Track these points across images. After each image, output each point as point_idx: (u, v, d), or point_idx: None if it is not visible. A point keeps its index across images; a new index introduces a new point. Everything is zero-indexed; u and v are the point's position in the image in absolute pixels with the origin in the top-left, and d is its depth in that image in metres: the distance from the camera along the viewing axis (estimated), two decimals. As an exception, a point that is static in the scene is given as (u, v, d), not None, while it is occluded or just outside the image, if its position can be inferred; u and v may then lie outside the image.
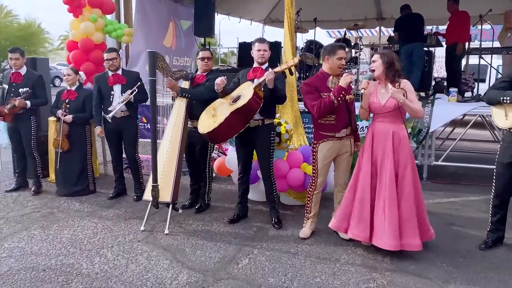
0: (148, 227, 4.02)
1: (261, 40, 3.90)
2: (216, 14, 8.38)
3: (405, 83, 3.39)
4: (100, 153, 6.24)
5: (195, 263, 3.30)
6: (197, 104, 4.13)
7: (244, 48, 8.41)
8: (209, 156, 4.40)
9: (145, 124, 6.49)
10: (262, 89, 3.67)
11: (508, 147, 3.39)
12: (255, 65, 3.92)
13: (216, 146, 5.64)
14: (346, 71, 7.55)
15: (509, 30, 6.74)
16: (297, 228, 3.92)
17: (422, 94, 6.79)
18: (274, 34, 7.98)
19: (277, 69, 3.61)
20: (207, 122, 3.70)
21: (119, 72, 4.69)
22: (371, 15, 9.85)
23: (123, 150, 4.95)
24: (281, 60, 8.60)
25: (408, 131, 5.54)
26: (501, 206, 3.50)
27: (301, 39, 8.55)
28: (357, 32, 8.72)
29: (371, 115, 3.56)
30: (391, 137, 3.37)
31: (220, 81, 3.69)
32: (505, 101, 3.23)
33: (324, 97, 3.45)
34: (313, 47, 7.12)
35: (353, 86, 3.39)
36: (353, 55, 7.27)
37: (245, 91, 3.65)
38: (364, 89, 3.37)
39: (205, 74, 4.22)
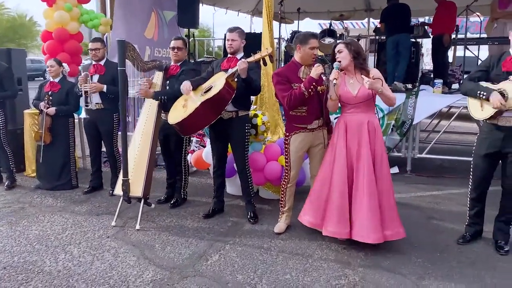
0: (120, 222, 3.90)
1: (230, 30, 3.77)
2: (201, 4, 8.21)
3: (375, 72, 3.28)
4: (81, 146, 6.11)
5: (163, 260, 3.19)
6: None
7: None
8: (185, 149, 4.28)
9: (127, 117, 6.36)
10: (236, 79, 3.55)
11: (484, 138, 3.28)
12: (229, 55, 3.79)
13: (197, 138, 5.54)
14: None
15: (495, 20, 6.62)
16: (273, 222, 3.81)
17: (409, 85, 6.68)
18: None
19: (250, 59, 3.47)
20: (177, 113, 3.57)
21: (102, 62, 4.55)
22: (359, 6, 9.70)
23: (102, 144, 4.83)
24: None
25: (391, 123, 5.51)
26: (478, 200, 3.41)
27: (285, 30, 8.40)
28: (342, 23, 8.57)
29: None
30: (366, 127, 3.26)
31: (185, 89, 3.59)
32: (481, 96, 3.12)
33: (295, 88, 3.33)
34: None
35: (324, 80, 3.25)
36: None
37: (217, 81, 3.52)
38: (336, 79, 3.24)
39: (178, 64, 4.08)
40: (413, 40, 7.45)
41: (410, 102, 5.41)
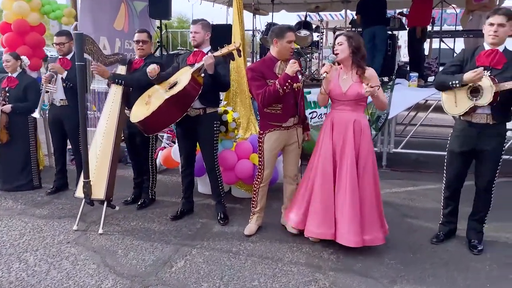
0: (82, 226, 3.70)
1: (193, 22, 3.57)
2: (174, -5, 7.93)
3: (372, 73, 3.12)
4: (47, 144, 5.82)
5: (124, 267, 3.01)
6: (135, 91, 3.76)
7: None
8: (152, 147, 4.09)
9: (95, 112, 6.09)
10: (202, 74, 3.36)
11: (458, 135, 3.19)
12: (194, 48, 3.60)
13: (168, 134, 5.33)
14: (308, 56, 7.32)
15: (470, 12, 6.56)
16: (244, 223, 3.66)
17: (385, 79, 6.59)
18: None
19: (217, 53, 3.29)
20: (139, 110, 3.37)
21: (69, 57, 4.28)
22: (336, -2, 9.54)
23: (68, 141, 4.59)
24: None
25: (367, 118, 5.41)
26: (452, 198, 3.33)
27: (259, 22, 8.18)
28: (318, 15, 8.42)
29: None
30: (352, 125, 3.11)
31: (151, 70, 3.36)
32: (454, 85, 3.01)
33: (270, 84, 3.17)
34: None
35: (300, 77, 3.09)
36: (315, 38, 6.99)
37: (182, 77, 3.33)
38: (327, 72, 3.09)
39: (143, 58, 3.87)
40: (390, 32, 7.35)
41: (385, 95, 5.30)
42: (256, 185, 3.51)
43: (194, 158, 3.85)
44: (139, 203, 4.14)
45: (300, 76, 3.08)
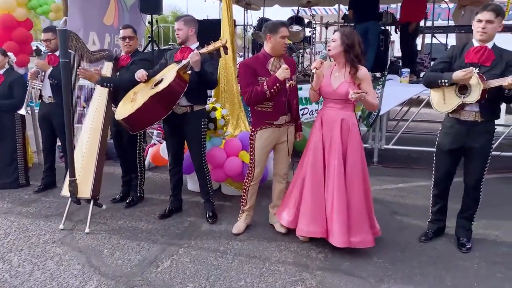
0: (69, 225, 3.65)
1: (177, 18, 3.52)
2: (165, -11, 7.85)
3: (364, 73, 3.05)
4: (36, 140, 5.75)
5: (109, 268, 2.97)
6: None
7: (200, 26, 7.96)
8: (140, 144, 4.03)
9: (85, 108, 6.02)
10: (189, 72, 3.31)
11: (447, 133, 3.17)
12: (180, 45, 3.54)
13: (158, 131, 5.28)
14: (300, 52, 7.26)
15: (462, 8, 6.53)
16: (233, 221, 3.63)
17: (378, 74, 6.56)
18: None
19: (203, 50, 3.24)
20: (124, 108, 3.32)
21: (58, 53, 4.20)
22: (329, -8, 9.48)
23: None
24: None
25: (358, 114, 5.37)
26: (441, 196, 3.31)
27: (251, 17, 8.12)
28: (310, 10, 8.36)
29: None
30: (339, 124, 3.07)
31: (140, 77, 3.35)
32: (443, 83, 2.98)
33: (260, 82, 3.13)
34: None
35: (288, 82, 3.07)
36: (307, 34, 6.94)
37: (168, 74, 3.28)
38: (317, 68, 3.03)
39: (129, 55, 3.81)
40: (383, 27, 7.30)
41: (377, 92, 5.27)
42: (246, 183, 3.47)
43: (182, 156, 3.80)
44: (127, 201, 4.10)
45: (288, 85, 3.05)
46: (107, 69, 3.86)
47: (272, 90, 3.06)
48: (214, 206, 3.84)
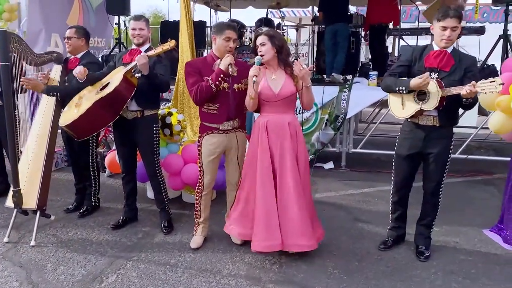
0: (15, 237, 3.45)
1: (137, 18, 3.35)
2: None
3: (297, 70, 2.96)
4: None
5: (49, 284, 2.79)
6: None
7: (167, 27, 7.81)
8: (92, 150, 3.83)
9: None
10: (137, 75, 3.15)
11: (406, 138, 3.08)
12: (133, 46, 3.39)
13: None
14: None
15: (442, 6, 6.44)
16: (190, 231, 3.48)
17: (349, 77, 6.49)
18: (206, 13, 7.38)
19: (150, 52, 3.10)
20: (69, 113, 3.15)
21: None
22: (303, -6, 9.42)
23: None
24: (205, 40, 8.07)
25: (325, 118, 5.29)
26: (400, 203, 3.23)
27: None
28: (280, 11, 8.25)
29: None
30: (288, 128, 2.97)
31: (78, 72, 3.15)
32: (401, 91, 2.90)
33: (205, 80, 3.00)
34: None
35: (230, 69, 2.90)
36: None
37: (115, 77, 3.12)
38: (256, 76, 2.91)
39: (78, 57, 3.63)
40: (354, 29, 7.25)
41: (344, 95, 5.20)
42: (198, 194, 3.31)
43: (135, 164, 3.64)
44: (81, 211, 3.91)
45: (230, 70, 2.89)
46: (56, 72, 3.67)
47: (217, 82, 2.92)
48: (170, 216, 3.68)
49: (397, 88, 2.92)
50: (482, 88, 2.61)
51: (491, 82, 2.58)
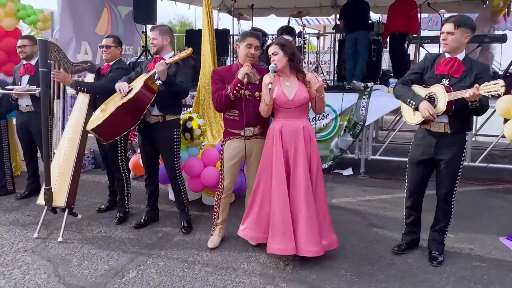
0: (44, 233, 3.67)
1: (151, 28, 3.55)
2: (161, -1, 7.95)
3: (310, 76, 3.11)
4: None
5: (75, 278, 2.96)
6: (103, 97, 3.73)
7: (192, 36, 8.06)
8: (121, 152, 3.97)
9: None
10: (158, 82, 3.33)
11: (418, 144, 3.14)
12: (154, 55, 3.58)
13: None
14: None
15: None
16: (208, 232, 3.61)
17: (370, 84, 6.53)
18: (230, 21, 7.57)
19: (169, 60, 3.27)
20: (95, 118, 3.34)
21: (33, 62, 4.27)
22: (325, 3, 9.51)
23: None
24: (228, 48, 8.26)
25: (344, 124, 5.36)
26: (413, 208, 3.27)
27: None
28: (301, 20, 8.36)
29: None
30: (302, 133, 3.08)
31: (117, 85, 3.36)
32: (410, 105, 2.97)
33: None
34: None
35: (245, 79, 3.03)
36: (298, 44, 6.95)
37: (137, 84, 3.30)
38: (272, 83, 3.03)
39: (110, 64, 3.85)
40: (375, 37, 7.30)
41: (363, 102, 5.26)
42: (217, 196, 3.44)
43: (157, 166, 3.80)
44: (116, 218, 3.96)
45: (245, 79, 3.01)
46: (89, 80, 3.90)
47: (234, 91, 3.05)
48: (189, 217, 3.83)
49: (407, 100, 3.01)
50: (485, 90, 2.65)
51: (494, 84, 2.62)
